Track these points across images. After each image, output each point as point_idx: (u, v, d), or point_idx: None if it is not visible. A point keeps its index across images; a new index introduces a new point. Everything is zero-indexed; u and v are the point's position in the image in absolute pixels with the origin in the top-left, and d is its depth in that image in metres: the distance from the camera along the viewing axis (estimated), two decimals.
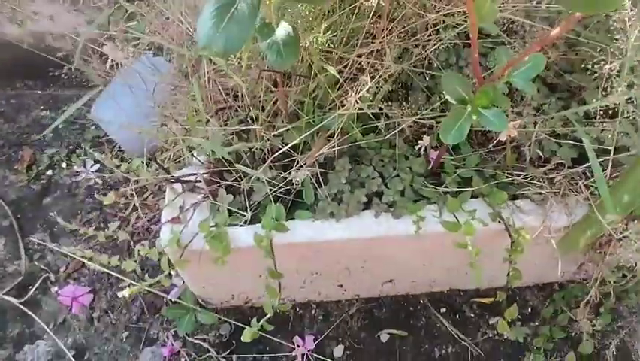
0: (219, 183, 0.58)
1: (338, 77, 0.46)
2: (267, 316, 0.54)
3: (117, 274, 0.77)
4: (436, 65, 0.63)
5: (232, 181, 0.58)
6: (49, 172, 0.94)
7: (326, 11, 0.46)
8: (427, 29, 0.56)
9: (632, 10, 0.42)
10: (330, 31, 0.43)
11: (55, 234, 0.86)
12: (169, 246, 0.50)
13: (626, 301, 0.77)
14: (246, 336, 0.53)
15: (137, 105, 0.78)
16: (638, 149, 0.55)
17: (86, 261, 0.77)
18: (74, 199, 0.91)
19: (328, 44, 0.44)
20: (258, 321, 0.56)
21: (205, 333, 0.75)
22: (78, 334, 0.76)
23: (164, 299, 0.78)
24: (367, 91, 0.48)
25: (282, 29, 0.40)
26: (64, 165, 0.94)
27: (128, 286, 0.68)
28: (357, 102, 0.43)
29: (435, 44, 0.59)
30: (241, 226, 0.56)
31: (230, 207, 0.55)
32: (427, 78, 0.66)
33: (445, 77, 0.42)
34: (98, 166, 0.91)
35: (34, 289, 0.80)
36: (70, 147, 0.98)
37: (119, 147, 0.96)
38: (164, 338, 0.74)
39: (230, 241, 0.52)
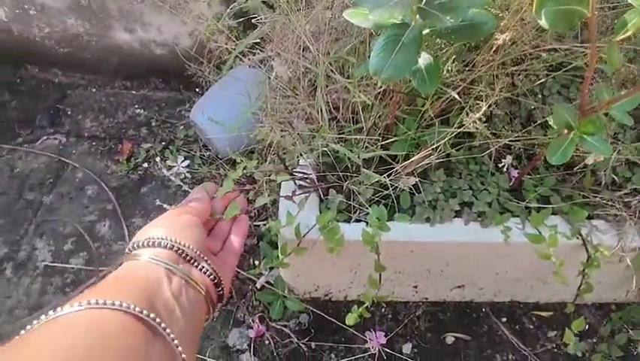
0: (325, 183, 0.66)
1: (459, 98, 0.54)
2: (365, 304, 0.61)
3: None
4: (523, 92, 0.70)
5: (337, 182, 0.67)
6: (146, 165, 1.04)
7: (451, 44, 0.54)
8: (522, 62, 0.64)
9: None
10: (453, 62, 0.51)
11: (152, 218, 0.96)
12: (287, 225, 0.58)
13: None
14: (350, 320, 0.60)
15: (236, 110, 0.87)
16: None
17: None
18: (167, 190, 1.01)
19: (451, 72, 0.52)
20: (336, 312, 0.63)
21: (286, 320, 0.82)
22: None
23: (250, 286, 0.86)
24: (474, 114, 0.55)
25: (424, 59, 0.48)
26: (158, 159, 1.05)
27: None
28: (476, 122, 0.51)
29: (525, 75, 0.67)
30: (345, 222, 0.64)
31: (340, 206, 0.63)
32: (510, 103, 0.74)
33: (557, 107, 0.49)
34: (188, 162, 1.01)
35: None
36: (163, 143, 1.08)
37: (206, 146, 1.06)
38: (250, 321, 0.82)
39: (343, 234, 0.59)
